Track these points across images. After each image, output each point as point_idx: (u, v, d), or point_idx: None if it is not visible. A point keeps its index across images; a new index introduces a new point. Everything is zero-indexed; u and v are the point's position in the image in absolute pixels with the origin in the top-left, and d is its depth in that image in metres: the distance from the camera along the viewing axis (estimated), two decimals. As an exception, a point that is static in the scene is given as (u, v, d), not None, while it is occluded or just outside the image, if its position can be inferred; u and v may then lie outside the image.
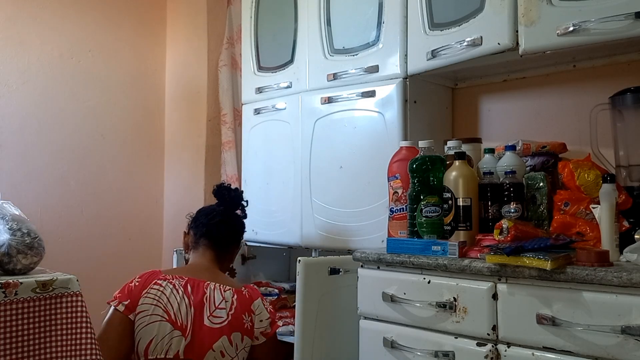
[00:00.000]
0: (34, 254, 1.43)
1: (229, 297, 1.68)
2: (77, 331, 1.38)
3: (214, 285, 1.69)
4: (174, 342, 1.59)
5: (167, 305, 1.61)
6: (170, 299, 1.62)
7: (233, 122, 2.70)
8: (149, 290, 1.63)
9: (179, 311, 1.61)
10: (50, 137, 2.59)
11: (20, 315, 1.31)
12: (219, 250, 1.85)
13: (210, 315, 1.63)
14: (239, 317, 1.67)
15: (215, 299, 1.66)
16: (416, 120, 1.88)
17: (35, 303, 1.33)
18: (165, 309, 1.61)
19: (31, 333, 1.32)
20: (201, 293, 1.66)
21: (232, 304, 1.67)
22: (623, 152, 1.52)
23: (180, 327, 1.60)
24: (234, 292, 1.71)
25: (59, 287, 1.37)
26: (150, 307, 1.61)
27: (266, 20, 2.38)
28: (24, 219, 1.51)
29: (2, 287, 1.29)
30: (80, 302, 1.40)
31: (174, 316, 1.60)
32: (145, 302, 1.61)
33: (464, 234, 1.48)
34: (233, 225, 1.89)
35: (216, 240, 1.84)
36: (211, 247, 1.84)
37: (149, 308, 1.61)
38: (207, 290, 1.67)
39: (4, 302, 1.28)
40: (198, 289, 1.66)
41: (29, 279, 1.34)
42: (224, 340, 1.62)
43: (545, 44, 1.46)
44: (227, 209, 1.90)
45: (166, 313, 1.60)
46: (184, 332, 1.60)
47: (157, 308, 1.60)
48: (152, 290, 1.63)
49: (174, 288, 1.64)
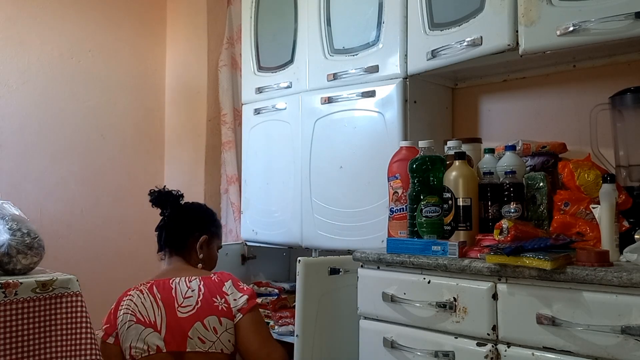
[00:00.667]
0: (34, 254, 1.43)
1: (195, 286, 1.71)
2: (77, 331, 1.38)
3: (179, 279, 1.73)
4: (148, 339, 1.64)
5: (135, 309, 1.67)
6: (137, 303, 1.68)
7: (233, 122, 2.70)
8: (122, 304, 1.70)
9: (144, 310, 1.67)
10: (50, 137, 2.59)
11: (20, 315, 1.31)
12: (177, 251, 1.86)
13: (180, 306, 1.67)
14: (210, 301, 1.68)
15: (182, 290, 1.70)
16: (416, 120, 1.88)
17: (35, 303, 1.33)
18: (134, 313, 1.66)
19: (31, 333, 1.32)
20: (167, 289, 1.70)
21: (200, 290, 1.70)
22: (623, 152, 1.52)
23: (149, 324, 1.65)
24: (201, 280, 1.73)
25: (59, 287, 1.38)
26: (125, 317, 1.67)
27: (266, 20, 2.38)
28: (24, 219, 1.52)
29: (2, 287, 1.29)
30: (80, 302, 1.40)
31: (140, 316, 1.66)
32: (120, 315, 1.69)
33: (464, 234, 1.48)
34: (176, 222, 1.87)
35: (164, 245, 1.88)
36: (170, 252, 1.87)
37: (124, 318, 1.67)
38: (173, 285, 1.71)
39: (4, 302, 1.28)
40: (164, 287, 1.71)
41: (29, 279, 1.34)
42: (198, 326, 1.65)
43: (545, 44, 1.46)
44: (163, 211, 1.91)
45: (133, 315, 1.66)
46: (155, 328, 1.65)
47: (127, 315, 1.67)
48: (124, 303, 1.70)
49: (140, 293, 1.70)
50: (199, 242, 1.87)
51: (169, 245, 1.87)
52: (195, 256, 1.87)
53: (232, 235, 2.61)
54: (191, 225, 1.89)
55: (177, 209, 1.91)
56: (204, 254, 1.88)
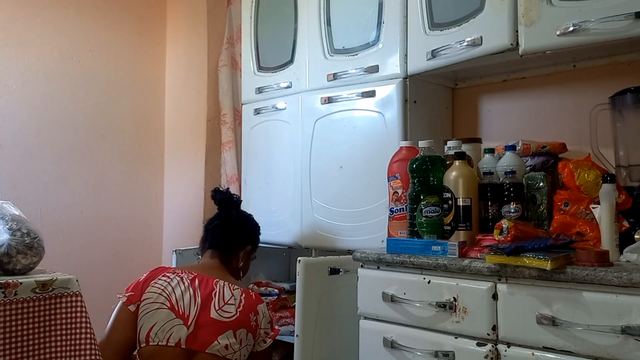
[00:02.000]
0: (34, 254, 1.43)
1: (238, 296, 1.72)
2: (77, 331, 1.38)
3: (223, 283, 1.73)
4: (174, 330, 1.62)
5: (171, 295, 1.66)
6: (175, 289, 1.67)
7: (233, 122, 2.70)
8: (157, 281, 1.70)
9: (181, 299, 1.66)
10: (50, 137, 2.59)
11: (20, 316, 1.31)
12: (222, 252, 1.89)
13: (220, 309, 1.67)
14: (247, 315, 1.71)
15: (225, 295, 1.71)
16: (416, 120, 1.88)
17: (35, 303, 1.33)
18: (169, 298, 1.66)
19: (31, 333, 1.32)
20: (210, 288, 1.70)
21: (241, 302, 1.71)
22: (623, 152, 1.52)
23: (182, 315, 1.64)
24: (242, 292, 1.75)
25: (59, 287, 1.37)
26: (154, 296, 1.66)
27: (266, 20, 2.38)
28: (24, 219, 1.51)
29: (2, 287, 1.29)
30: (80, 302, 1.40)
31: (175, 304, 1.65)
32: (150, 291, 1.68)
33: (464, 234, 1.48)
34: (231, 227, 1.91)
35: (216, 244, 1.90)
36: (214, 251, 1.89)
37: (152, 296, 1.66)
38: (217, 286, 1.71)
39: (3, 302, 1.28)
40: (207, 284, 1.71)
41: (28, 279, 1.34)
42: (229, 334, 1.65)
43: (545, 44, 1.46)
44: (222, 213, 1.95)
45: (168, 300, 1.65)
46: (186, 322, 1.63)
47: (160, 297, 1.66)
48: (159, 282, 1.70)
49: (180, 280, 1.70)
50: (243, 251, 1.92)
51: (218, 245, 1.89)
52: (235, 263, 1.91)
53: (232, 235, 2.61)
54: (245, 234, 1.94)
55: (237, 214, 1.96)
56: (244, 263, 1.93)
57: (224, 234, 1.90)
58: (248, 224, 2.00)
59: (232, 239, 1.91)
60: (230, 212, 1.95)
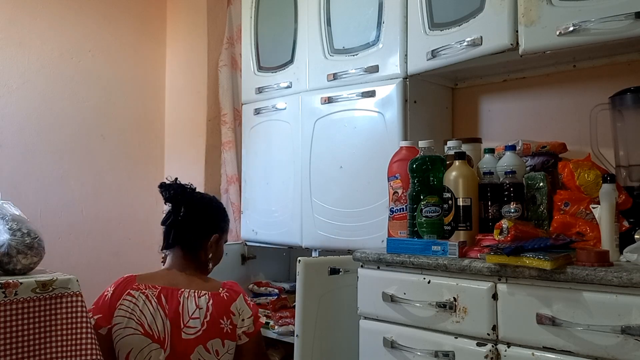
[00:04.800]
0: (34, 254, 1.43)
1: (204, 304, 1.62)
2: (77, 331, 1.38)
3: (187, 293, 1.62)
4: (153, 355, 1.55)
5: (141, 318, 1.56)
6: (144, 311, 1.57)
7: (233, 122, 2.70)
8: (122, 302, 1.59)
9: (153, 323, 1.57)
10: (50, 137, 2.59)
11: (20, 316, 1.31)
12: (185, 250, 1.75)
13: (184, 326, 1.58)
14: (216, 323, 1.61)
15: (189, 308, 1.60)
16: (416, 120, 1.88)
17: (35, 303, 1.33)
18: (139, 321, 1.56)
19: (31, 333, 1.32)
20: (175, 303, 1.60)
21: (207, 310, 1.61)
22: (623, 152, 1.52)
23: (157, 340, 1.56)
24: (210, 297, 1.63)
25: (59, 287, 1.37)
26: (124, 320, 1.57)
27: (266, 20, 2.38)
28: (24, 219, 1.51)
29: (2, 287, 1.29)
30: (80, 302, 1.40)
31: (148, 328, 1.56)
32: (119, 315, 1.57)
33: (464, 234, 1.48)
34: (184, 224, 1.74)
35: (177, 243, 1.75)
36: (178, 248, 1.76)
37: (122, 321, 1.57)
38: (182, 298, 1.60)
39: (3, 302, 1.28)
40: (172, 299, 1.60)
41: (29, 279, 1.34)
42: (200, 350, 1.57)
43: (545, 44, 1.46)
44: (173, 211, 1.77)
45: (140, 325, 1.56)
46: (162, 345, 1.56)
47: (131, 321, 1.56)
48: (125, 302, 1.59)
49: (146, 299, 1.59)
50: (209, 242, 1.76)
51: (179, 244, 1.74)
52: (203, 256, 1.76)
53: (232, 235, 2.61)
54: (204, 226, 1.77)
55: (191, 208, 1.76)
56: (213, 252, 1.78)
57: (181, 231, 1.73)
58: (205, 214, 1.79)
59: (194, 234, 1.74)
60: (178, 209, 1.75)
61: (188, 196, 1.78)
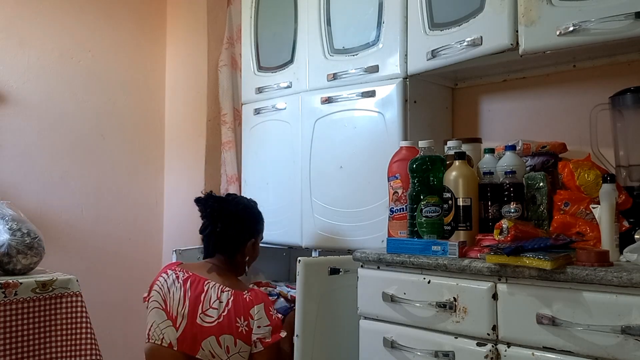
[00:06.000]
0: (34, 254, 1.43)
1: (225, 299, 1.68)
2: (77, 331, 1.38)
3: (213, 284, 1.71)
4: (166, 332, 1.64)
5: (167, 295, 1.68)
6: (171, 289, 1.69)
7: (233, 122, 2.70)
8: (159, 278, 1.73)
9: (174, 302, 1.67)
10: (50, 137, 2.59)
11: (20, 315, 1.31)
12: (224, 255, 1.85)
13: (202, 312, 1.66)
14: (232, 320, 1.66)
15: (211, 298, 1.69)
16: (416, 120, 1.88)
17: (35, 303, 1.33)
18: (164, 298, 1.68)
19: (31, 333, 1.32)
20: (199, 290, 1.69)
21: (227, 305, 1.67)
22: (623, 152, 1.52)
23: (171, 317, 1.65)
24: (232, 294, 1.70)
25: (59, 287, 1.38)
26: (154, 294, 1.69)
27: (266, 20, 2.38)
28: (24, 219, 1.52)
29: (2, 287, 1.29)
30: (80, 302, 1.40)
31: (168, 306, 1.67)
32: (154, 290, 1.71)
33: (464, 234, 1.48)
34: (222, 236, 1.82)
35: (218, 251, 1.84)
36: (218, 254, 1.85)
37: (154, 294, 1.70)
38: (206, 287, 1.70)
39: (3, 302, 1.28)
40: (197, 285, 1.70)
41: (28, 279, 1.34)
42: (212, 340, 1.63)
43: (545, 44, 1.46)
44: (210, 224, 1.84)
45: (163, 301, 1.67)
46: (174, 323, 1.64)
47: (159, 295, 1.68)
48: (160, 278, 1.73)
49: (176, 279, 1.71)
50: (246, 247, 1.85)
51: (219, 252, 1.83)
52: (240, 258, 1.85)
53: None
54: (241, 234, 1.84)
55: (228, 220, 1.82)
56: (250, 255, 1.88)
57: (216, 244, 1.83)
58: (241, 224, 1.85)
59: (233, 242, 1.83)
60: (215, 224, 1.82)
61: (225, 210, 1.84)
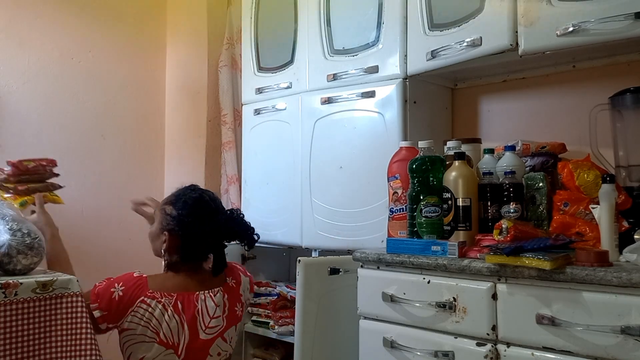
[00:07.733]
0: (34, 254, 1.43)
1: (220, 300, 1.61)
2: (77, 331, 1.38)
3: (204, 295, 1.59)
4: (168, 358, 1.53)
5: (157, 327, 1.51)
6: (160, 320, 1.51)
7: (233, 122, 2.70)
8: (137, 309, 1.51)
9: (169, 331, 1.52)
10: (50, 137, 2.59)
11: (20, 316, 1.31)
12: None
13: (207, 327, 1.57)
14: (232, 312, 1.63)
15: (209, 309, 1.58)
16: (416, 120, 1.88)
17: (35, 303, 1.33)
18: (155, 330, 1.51)
19: (31, 333, 1.32)
20: (192, 307, 1.56)
21: (225, 305, 1.61)
22: (623, 152, 1.52)
23: (172, 345, 1.52)
24: (224, 292, 1.63)
25: (59, 288, 1.38)
26: (137, 327, 1.51)
27: (266, 20, 2.38)
28: (24, 219, 1.52)
29: (2, 287, 1.29)
30: (80, 302, 1.40)
31: (163, 337, 1.51)
32: (133, 321, 1.51)
33: (463, 234, 1.48)
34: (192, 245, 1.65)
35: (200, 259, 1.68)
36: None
37: (136, 327, 1.51)
38: (199, 302, 1.57)
39: (4, 302, 1.28)
40: (189, 304, 1.56)
41: (29, 279, 1.34)
42: (219, 342, 1.60)
43: (545, 45, 1.46)
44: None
45: (156, 334, 1.51)
46: (177, 351, 1.53)
47: (146, 329, 1.50)
48: (139, 310, 1.51)
49: (163, 308, 1.52)
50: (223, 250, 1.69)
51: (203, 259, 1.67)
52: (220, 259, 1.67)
53: (232, 235, 2.61)
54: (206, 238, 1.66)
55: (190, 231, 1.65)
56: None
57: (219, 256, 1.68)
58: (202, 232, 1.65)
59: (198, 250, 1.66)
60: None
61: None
